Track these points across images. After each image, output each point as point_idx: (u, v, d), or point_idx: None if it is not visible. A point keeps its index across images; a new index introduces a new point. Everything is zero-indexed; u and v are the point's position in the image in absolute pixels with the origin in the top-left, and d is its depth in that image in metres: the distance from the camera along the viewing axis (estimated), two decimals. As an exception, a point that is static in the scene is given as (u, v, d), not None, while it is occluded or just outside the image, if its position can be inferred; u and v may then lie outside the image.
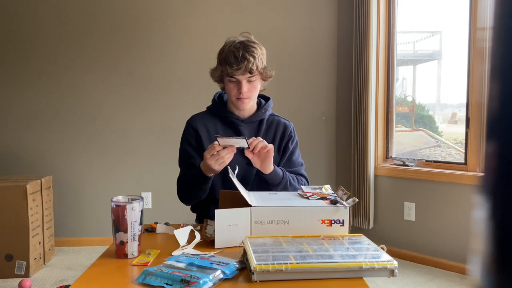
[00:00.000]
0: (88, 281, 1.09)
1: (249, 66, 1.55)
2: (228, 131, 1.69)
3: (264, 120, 1.73)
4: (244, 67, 1.55)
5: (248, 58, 1.55)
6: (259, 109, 1.72)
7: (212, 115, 1.72)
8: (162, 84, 3.50)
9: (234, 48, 1.57)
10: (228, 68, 1.56)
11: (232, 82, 1.62)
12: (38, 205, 2.99)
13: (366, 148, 3.26)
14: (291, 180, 1.66)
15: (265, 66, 1.63)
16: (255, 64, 1.56)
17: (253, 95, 1.65)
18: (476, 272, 0.38)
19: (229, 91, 1.64)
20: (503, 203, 0.36)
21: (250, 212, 1.28)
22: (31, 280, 2.80)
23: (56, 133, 3.48)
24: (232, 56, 1.56)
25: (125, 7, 3.46)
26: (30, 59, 3.44)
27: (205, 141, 1.66)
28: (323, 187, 1.52)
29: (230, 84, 1.62)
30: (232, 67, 1.56)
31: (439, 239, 3.03)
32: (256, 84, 1.63)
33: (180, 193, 1.68)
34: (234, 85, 1.61)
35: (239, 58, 1.55)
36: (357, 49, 3.30)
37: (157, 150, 3.50)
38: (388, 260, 1.08)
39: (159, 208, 3.47)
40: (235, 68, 1.55)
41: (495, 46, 0.37)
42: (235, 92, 1.61)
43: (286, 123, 1.77)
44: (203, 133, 1.68)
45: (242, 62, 1.55)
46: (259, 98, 1.76)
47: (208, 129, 1.69)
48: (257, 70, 1.59)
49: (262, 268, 1.02)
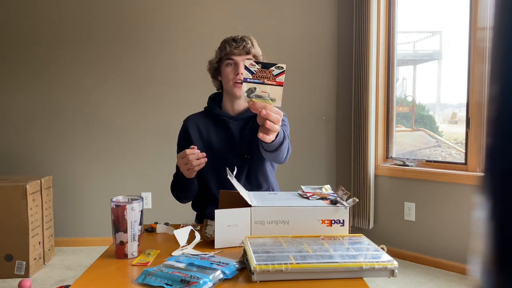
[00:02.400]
0: (88, 281, 1.08)
1: (247, 47, 1.63)
2: (218, 130, 1.71)
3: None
4: (242, 46, 1.63)
5: (246, 40, 1.64)
6: None
7: (206, 116, 1.75)
8: (162, 84, 3.50)
9: (232, 36, 1.68)
10: (228, 47, 1.63)
11: (229, 66, 1.65)
12: (38, 205, 2.99)
13: (366, 148, 3.26)
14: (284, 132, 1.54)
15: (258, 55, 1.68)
16: (253, 46, 1.65)
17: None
18: (476, 272, 0.38)
19: (226, 76, 1.66)
20: (503, 203, 0.36)
21: (250, 212, 1.28)
22: (31, 280, 2.80)
23: (56, 133, 3.48)
24: (231, 39, 1.65)
25: (125, 8, 3.46)
26: (30, 59, 3.44)
27: (195, 142, 1.68)
28: (323, 187, 1.52)
29: (227, 68, 1.65)
30: (231, 46, 1.63)
31: (439, 239, 3.03)
32: None
33: (172, 192, 1.72)
34: (231, 69, 1.65)
35: (238, 40, 1.64)
36: (357, 49, 3.30)
37: (157, 150, 3.50)
38: (388, 260, 1.08)
39: (159, 208, 3.47)
40: (234, 47, 1.63)
41: (495, 46, 0.37)
42: (232, 76, 1.64)
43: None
44: (193, 133, 1.70)
45: (241, 43, 1.63)
46: None
47: (199, 129, 1.71)
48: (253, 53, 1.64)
49: (262, 268, 1.02)
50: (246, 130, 1.69)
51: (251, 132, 1.68)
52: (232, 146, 1.68)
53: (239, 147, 1.68)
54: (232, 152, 1.66)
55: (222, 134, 1.70)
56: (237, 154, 1.66)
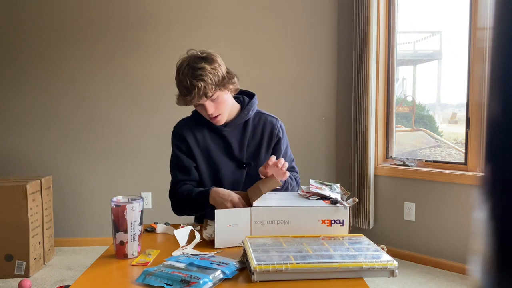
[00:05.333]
0: (88, 281, 1.08)
1: (200, 93, 1.49)
2: (214, 137, 1.66)
3: (250, 121, 1.68)
4: (196, 95, 1.49)
5: (197, 84, 1.48)
6: (242, 110, 1.67)
7: (198, 122, 1.67)
8: (162, 84, 3.49)
9: (182, 76, 1.52)
10: (184, 99, 1.53)
11: (198, 106, 1.59)
12: (38, 205, 2.99)
13: (366, 148, 3.26)
14: (290, 181, 1.66)
15: (223, 77, 1.54)
16: (207, 87, 1.49)
17: (224, 110, 1.59)
18: (476, 272, 0.38)
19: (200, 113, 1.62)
20: (503, 203, 0.36)
21: (250, 212, 1.28)
22: (31, 280, 2.80)
23: (56, 133, 3.48)
24: (183, 87, 1.52)
25: (126, 10, 3.46)
26: (31, 59, 3.44)
27: (194, 149, 1.64)
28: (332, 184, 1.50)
29: (198, 107, 1.60)
30: (187, 98, 1.52)
31: (439, 239, 3.03)
32: (221, 100, 1.56)
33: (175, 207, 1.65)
34: (200, 107, 1.58)
35: (189, 87, 1.49)
36: (357, 49, 3.30)
37: (157, 150, 3.50)
38: (388, 260, 1.08)
39: (159, 208, 3.46)
40: (189, 99, 1.51)
41: (495, 46, 0.37)
42: (205, 114, 1.58)
43: (273, 121, 1.71)
44: (191, 141, 1.65)
45: (193, 90, 1.49)
46: (243, 96, 1.71)
47: (195, 136, 1.65)
48: (213, 90, 1.51)
49: (262, 268, 1.02)
50: (243, 138, 1.65)
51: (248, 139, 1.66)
52: (230, 153, 1.65)
53: (238, 154, 1.65)
54: (231, 160, 1.64)
55: (218, 141, 1.65)
56: (236, 162, 1.64)
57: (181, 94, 1.54)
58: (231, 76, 1.58)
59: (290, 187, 1.65)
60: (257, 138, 1.67)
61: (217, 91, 1.53)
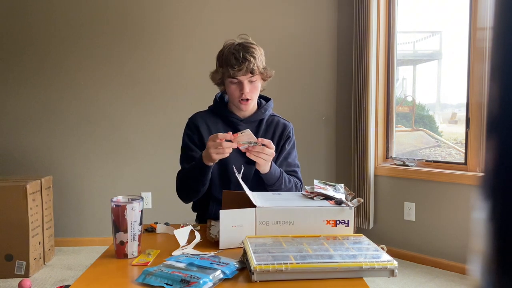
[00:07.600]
0: (88, 281, 1.09)
1: (250, 67, 1.57)
2: (228, 130, 1.69)
3: (264, 120, 1.74)
4: (245, 67, 1.57)
5: (249, 58, 1.57)
6: (259, 109, 1.74)
7: (214, 115, 1.73)
8: (162, 84, 3.50)
9: (234, 50, 1.59)
10: (230, 69, 1.58)
11: (233, 84, 1.63)
12: (38, 205, 2.99)
13: (366, 148, 3.26)
14: (286, 182, 1.66)
15: (264, 66, 1.64)
16: (256, 64, 1.58)
17: (255, 96, 1.67)
18: (476, 272, 0.38)
19: (231, 93, 1.65)
20: (503, 203, 0.36)
21: (255, 212, 1.28)
22: (31, 280, 2.80)
23: (56, 133, 3.48)
24: (233, 58, 1.58)
25: (127, 10, 3.46)
26: (31, 59, 3.44)
27: (205, 138, 1.66)
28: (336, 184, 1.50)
29: (232, 86, 1.63)
30: (234, 68, 1.57)
31: (439, 239, 3.03)
32: (257, 85, 1.65)
33: (178, 188, 1.67)
34: (235, 86, 1.63)
35: (240, 59, 1.57)
36: (357, 49, 3.30)
37: (157, 150, 3.50)
38: (388, 260, 1.08)
39: (159, 208, 3.47)
40: (236, 69, 1.57)
41: (495, 46, 0.37)
42: (238, 94, 1.63)
43: (286, 123, 1.78)
44: (204, 131, 1.69)
45: (243, 63, 1.56)
46: (260, 99, 1.77)
47: (209, 128, 1.70)
48: (258, 70, 1.60)
49: (262, 268, 1.02)
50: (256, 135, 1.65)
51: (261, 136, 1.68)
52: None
53: None
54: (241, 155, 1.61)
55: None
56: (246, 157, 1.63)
57: (228, 65, 1.58)
58: (269, 70, 1.68)
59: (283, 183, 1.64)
60: (269, 137, 1.71)
61: (259, 74, 1.62)
